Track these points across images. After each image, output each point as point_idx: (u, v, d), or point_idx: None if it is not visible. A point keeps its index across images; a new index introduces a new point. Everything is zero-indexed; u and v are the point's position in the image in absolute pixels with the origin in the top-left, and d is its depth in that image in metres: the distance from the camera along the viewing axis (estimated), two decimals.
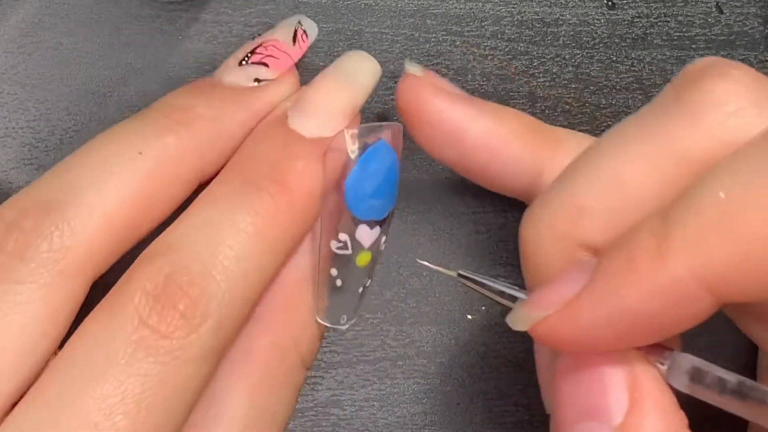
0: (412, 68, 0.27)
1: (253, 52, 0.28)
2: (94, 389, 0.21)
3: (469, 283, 0.25)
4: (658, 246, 0.19)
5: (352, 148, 0.25)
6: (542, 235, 0.23)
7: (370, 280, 0.27)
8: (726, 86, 0.21)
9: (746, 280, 0.19)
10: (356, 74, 0.28)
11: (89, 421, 0.21)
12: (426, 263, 0.26)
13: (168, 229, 0.24)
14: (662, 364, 0.21)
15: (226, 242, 0.23)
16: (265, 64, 0.28)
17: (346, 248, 0.26)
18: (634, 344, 0.21)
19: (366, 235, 0.26)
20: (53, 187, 0.24)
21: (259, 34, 0.29)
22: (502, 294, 0.24)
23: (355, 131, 0.25)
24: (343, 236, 0.26)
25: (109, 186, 0.24)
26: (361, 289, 0.27)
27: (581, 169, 0.23)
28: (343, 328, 0.27)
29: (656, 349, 0.22)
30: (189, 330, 0.22)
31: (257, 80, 0.27)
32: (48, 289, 0.22)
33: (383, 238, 0.27)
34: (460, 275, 0.25)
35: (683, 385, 0.21)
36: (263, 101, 0.27)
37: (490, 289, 0.24)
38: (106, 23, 0.31)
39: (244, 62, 0.28)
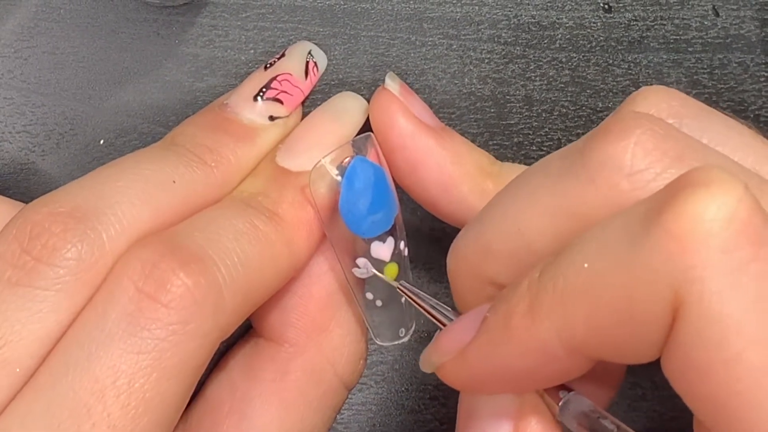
0: (390, 83, 0.28)
1: (267, 86, 0.28)
2: (87, 370, 0.21)
3: (409, 296, 0.26)
4: (530, 306, 0.20)
5: (334, 175, 0.25)
6: (460, 268, 0.24)
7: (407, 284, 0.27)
8: (624, 148, 0.20)
9: (603, 345, 0.20)
10: (345, 112, 0.28)
11: (81, 405, 0.20)
12: (375, 272, 0.26)
13: None
14: (557, 402, 0.22)
15: (227, 235, 0.24)
16: (280, 101, 0.28)
17: (369, 269, 0.26)
18: (520, 392, 0.23)
19: (382, 249, 0.26)
20: (85, 195, 0.23)
21: (271, 64, 0.29)
22: (434, 312, 0.25)
23: (330, 157, 0.26)
24: (361, 260, 0.26)
25: (147, 205, 0.23)
26: (403, 298, 0.27)
27: (491, 211, 0.23)
28: (405, 340, 0.27)
29: (555, 388, 0.22)
30: (188, 300, 0.21)
31: (271, 117, 0.28)
32: (73, 300, 0.22)
33: (402, 244, 0.27)
34: (401, 285, 0.26)
35: (573, 426, 0.22)
36: (272, 140, 0.28)
37: (424, 305, 0.25)
38: (103, 28, 0.31)
39: (259, 97, 0.28)
